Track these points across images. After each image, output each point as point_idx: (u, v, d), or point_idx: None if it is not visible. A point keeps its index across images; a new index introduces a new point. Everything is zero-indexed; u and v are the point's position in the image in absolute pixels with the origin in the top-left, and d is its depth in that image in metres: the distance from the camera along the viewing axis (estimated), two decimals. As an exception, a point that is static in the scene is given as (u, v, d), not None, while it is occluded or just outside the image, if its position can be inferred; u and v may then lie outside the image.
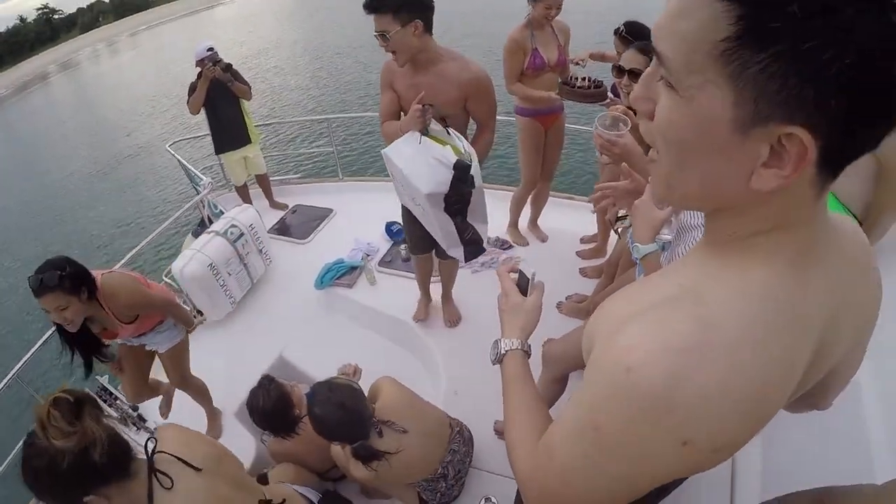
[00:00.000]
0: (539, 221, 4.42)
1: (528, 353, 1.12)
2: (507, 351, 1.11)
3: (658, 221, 1.51)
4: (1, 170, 22.79)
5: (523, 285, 1.22)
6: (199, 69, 5.02)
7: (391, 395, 2.46)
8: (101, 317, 2.68)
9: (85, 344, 2.72)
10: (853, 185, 1.99)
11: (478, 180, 2.58)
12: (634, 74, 2.56)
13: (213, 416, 3.50)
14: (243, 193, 5.60)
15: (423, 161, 2.52)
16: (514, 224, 4.38)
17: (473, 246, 2.92)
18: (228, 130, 5.30)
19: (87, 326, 2.66)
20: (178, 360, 3.23)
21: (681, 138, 0.61)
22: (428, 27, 2.50)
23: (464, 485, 2.67)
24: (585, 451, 0.70)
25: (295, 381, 2.96)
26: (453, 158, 2.48)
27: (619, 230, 3.29)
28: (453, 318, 3.67)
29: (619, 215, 3.39)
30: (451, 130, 2.58)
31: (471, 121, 2.81)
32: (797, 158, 0.54)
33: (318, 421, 2.23)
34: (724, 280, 0.66)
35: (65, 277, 2.41)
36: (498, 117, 2.84)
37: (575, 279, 3.83)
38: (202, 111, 5.23)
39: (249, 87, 5.27)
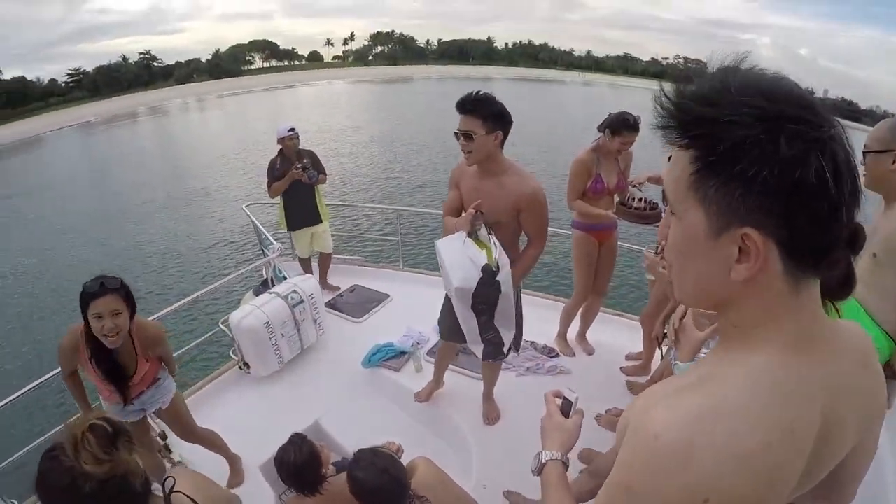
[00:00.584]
0: (587, 334, 4.52)
1: (566, 465, 1.24)
2: (547, 461, 1.24)
3: (698, 342, 1.77)
4: (79, 184, 24.14)
5: (566, 408, 1.36)
6: (279, 147, 5.43)
7: (428, 473, 2.50)
8: (127, 350, 2.77)
9: (115, 374, 2.76)
10: (886, 303, 2.05)
11: (506, 288, 2.84)
12: None
13: (233, 461, 3.56)
14: (305, 265, 5.93)
15: (461, 258, 2.82)
16: (562, 334, 4.49)
17: (493, 346, 3.15)
18: (301, 210, 5.61)
19: (115, 358, 2.73)
20: (180, 411, 3.28)
21: (678, 249, 0.82)
22: (503, 141, 2.83)
23: None
24: None
25: (325, 444, 3.05)
26: (483, 262, 2.77)
27: (664, 348, 3.40)
28: (492, 415, 3.74)
29: (665, 333, 3.54)
30: (494, 239, 2.85)
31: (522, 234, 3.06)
32: (756, 252, 0.71)
33: (360, 484, 2.29)
34: (732, 365, 0.79)
35: (124, 285, 2.58)
36: (556, 230, 3.08)
37: (616, 394, 3.89)
38: None
39: (326, 175, 5.72)
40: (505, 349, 3.18)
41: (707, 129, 0.70)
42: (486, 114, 2.73)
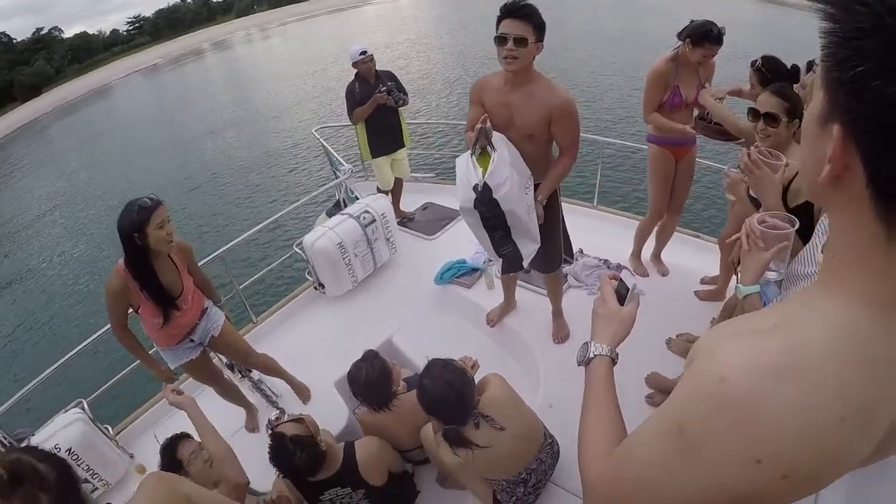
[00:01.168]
0: (662, 254, 4.30)
1: (614, 361, 1.16)
2: (595, 355, 1.16)
3: (761, 266, 1.64)
4: (150, 122, 25.03)
5: (622, 293, 1.25)
6: (355, 70, 5.07)
7: (498, 391, 2.52)
8: (169, 268, 2.97)
9: (165, 296, 2.93)
10: None
11: (510, 204, 2.80)
12: (770, 118, 2.50)
13: (293, 383, 3.72)
14: (396, 198, 5.65)
15: (464, 178, 2.83)
16: (636, 253, 4.30)
17: (511, 262, 3.14)
18: (385, 136, 5.26)
19: (159, 279, 2.89)
20: (232, 337, 3.40)
21: (804, 123, 0.75)
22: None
23: (539, 495, 2.71)
24: (665, 451, 0.75)
25: (396, 363, 3.12)
26: (475, 180, 2.75)
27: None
28: (560, 333, 3.71)
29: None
30: (497, 154, 2.79)
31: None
32: (832, 156, 0.64)
33: (425, 392, 2.33)
34: (816, 314, 0.69)
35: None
36: (632, 144, 2.91)
37: (688, 318, 3.74)
38: None
39: (407, 96, 5.26)
40: (524, 262, 3.15)
41: (841, 6, 0.60)
42: (537, 21, 2.62)
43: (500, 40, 2.64)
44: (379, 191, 5.51)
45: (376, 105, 4.96)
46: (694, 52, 3.35)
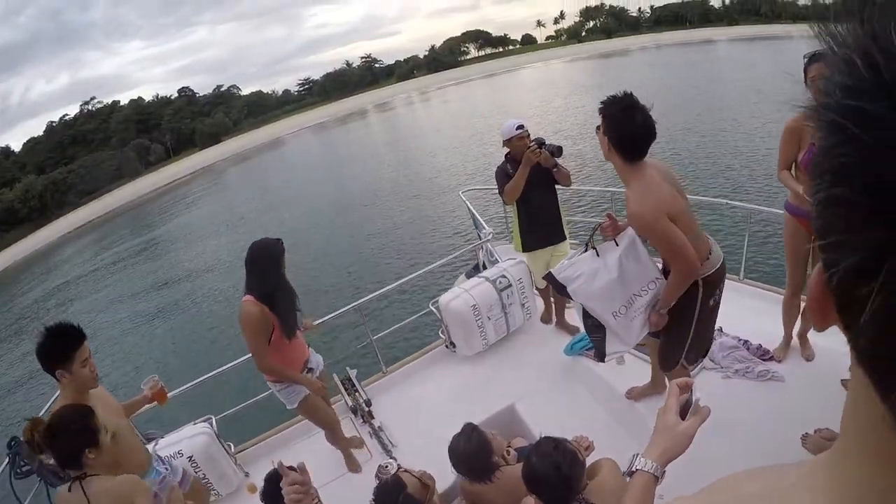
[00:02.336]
0: (810, 335, 3.75)
1: (657, 479, 1.12)
2: (636, 469, 1.14)
3: None
4: (317, 176, 27.29)
5: (685, 407, 1.20)
6: (506, 149, 4.32)
7: (609, 480, 2.40)
8: None
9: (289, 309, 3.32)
10: None
11: (581, 299, 2.95)
12: None
13: (349, 454, 3.88)
14: (545, 295, 4.90)
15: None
16: (785, 340, 3.82)
17: (596, 350, 3.24)
18: (541, 225, 4.38)
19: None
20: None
21: None
22: (621, 152, 2.58)
23: None
24: None
25: (497, 432, 3.10)
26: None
27: None
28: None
29: None
30: (590, 252, 2.96)
31: None
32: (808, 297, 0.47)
33: (530, 470, 2.28)
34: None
35: None
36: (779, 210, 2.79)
37: (832, 412, 3.23)
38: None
39: (569, 173, 4.34)
40: (606, 358, 3.21)
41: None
42: (605, 112, 2.57)
43: None
44: (537, 289, 4.91)
45: (529, 166, 4.03)
46: None
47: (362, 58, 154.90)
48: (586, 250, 2.97)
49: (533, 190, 4.19)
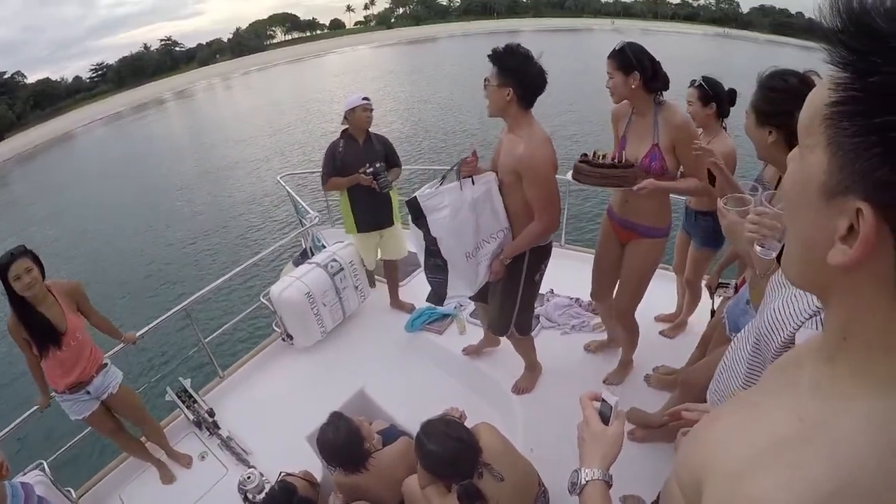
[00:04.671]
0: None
1: (609, 484, 1.09)
2: (587, 481, 1.08)
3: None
4: (113, 173, 24.70)
5: (606, 413, 1.19)
6: (344, 126, 4.20)
7: (492, 439, 2.43)
8: (55, 309, 3.16)
9: (47, 331, 3.12)
10: None
11: (439, 232, 2.84)
12: None
13: (175, 456, 3.67)
14: (392, 285, 4.85)
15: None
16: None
17: (434, 292, 3.14)
18: (374, 206, 4.35)
19: (43, 315, 3.10)
20: (131, 397, 3.53)
21: (789, 193, 0.64)
22: (522, 100, 2.67)
23: None
24: None
25: (365, 417, 3.04)
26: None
27: (717, 299, 3.24)
28: (521, 385, 3.64)
29: (721, 282, 3.38)
30: (451, 185, 2.86)
31: None
32: (864, 240, 0.52)
33: (434, 457, 2.21)
34: (847, 414, 0.59)
35: (29, 250, 3.06)
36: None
37: (659, 351, 3.73)
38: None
39: (400, 168, 4.47)
40: (445, 302, 3.16)
41: (872, 47, 0.49)
42: (501, 65, 2.64)
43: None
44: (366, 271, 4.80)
45: (355, 183, 4.12)
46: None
47: (162, 40, 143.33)
48: (442, 183, 2.88)
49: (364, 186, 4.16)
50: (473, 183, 2.84)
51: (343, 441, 2.67)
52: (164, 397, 3.97)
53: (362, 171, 4.04)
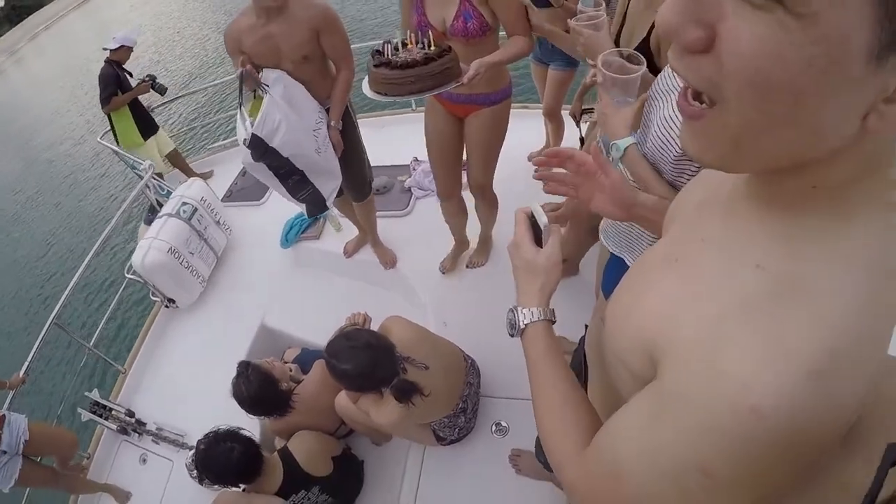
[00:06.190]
0: None
1: (552, 321, 0.94)
2: (527, 323, 0.93)
3: (629, 117, 1.43)
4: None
5: (537, 234, 0.99)
6: (113, 60, 5.20)
7: (405, 332, 2.33)
8: None
9: None
10: None
11: (293, 149, 2.65)
12: None
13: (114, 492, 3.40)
14: (184, 168, 5.71)
15: (240, 134, 2.67)
16: None
17: (313, 204, 3.01)
18: (146, 118, 5.42)
19: None
20: (48, 432, 3.31)
21: (790, 79, 0.43)
22: None
23: (477, 415, 2.66)
24: (682, 490, 0.58)
25: (274, 357, 2.93)
26: (244, 134, 2.58)
27: (584, 126, 3.16)
28: (385, 259, 3.59)
29: (584, 108, 3.27)
30: (270, 94, 2.58)
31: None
32: None
33: (351, 375, 2.09)
34: (825, 251, 0.52)
35: None
36: None
37: (539, 187, 3.68)
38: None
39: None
40: (329, 202, 3.05)
41: None
42: None
43: None
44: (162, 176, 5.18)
45: (139, 94, 5.24)
46: None
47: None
48: (241, 105, 2.66)
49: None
50: (269, 85, 2.61)
51: (256, 390, 2.55)
52: (81, 419, 3.61)
53: (140, 81, 5.24)
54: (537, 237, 0.99)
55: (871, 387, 0.50)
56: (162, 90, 5.31)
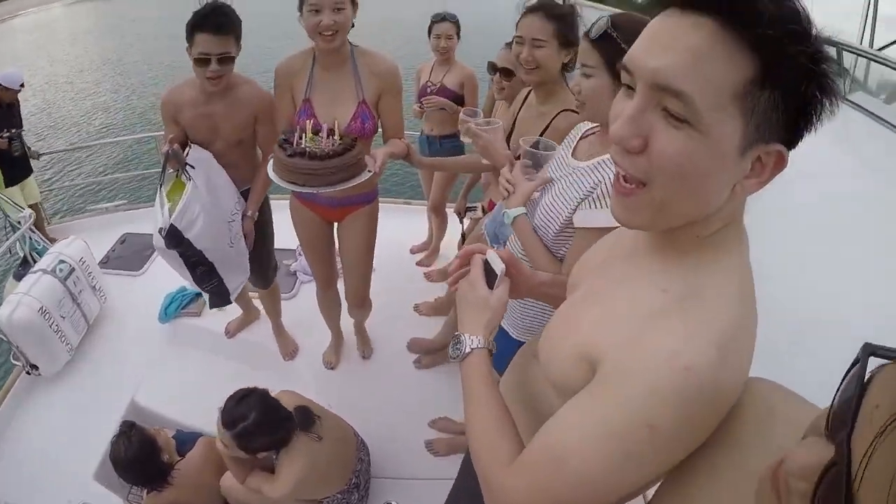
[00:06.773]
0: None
1: (491, 352, 1.08)
2: (471, 350, 1.05)
3: (528, 193, 1.69)
4: None
5: (491, 278, 1.13)
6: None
7: (296, 402, 2.36)
8: None
9: None
10: None
11: (208, 243, 2.61)
12: (506, 72, 2.82)
13: None
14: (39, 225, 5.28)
15: (156, 215, 2.59)
16: None
17: (217, 296, 2.96)
18: (17, 160, 5.23)
19: None
20: None
21: (696, 168, 0.69)
22: None
23: (369, 493, 2.68)
24: (628, 450, 0.73)
25: (160, 427, 2.79)
26: (161, 222, 2.50)
27: (466, 222, 3.30)
28: (287, 350, 3.60)
29: (468, 205, 3.45)
30: (194, 182, 2.53)
31: None
32: (774, 167, 0.70)
33: (260, 422, 2.11)
34: (710, 274, 0.77)
35: None
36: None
37: (420, 282, 3.92)
38: None
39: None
40: (232, 297, 3.00)
41: (788, 30, 0.61)
42: (238, 31, 2.41)
43: (205, 61, 2.36)
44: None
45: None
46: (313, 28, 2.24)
47: None
48: (161, 186, 2.58)
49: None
50: (194, 167, 2.56)
51: (136, 452, 2.41)
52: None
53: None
54: (489, 280, 1.13)
55: (746, 375, 0.76)
56: (16, 150, 5.17)
